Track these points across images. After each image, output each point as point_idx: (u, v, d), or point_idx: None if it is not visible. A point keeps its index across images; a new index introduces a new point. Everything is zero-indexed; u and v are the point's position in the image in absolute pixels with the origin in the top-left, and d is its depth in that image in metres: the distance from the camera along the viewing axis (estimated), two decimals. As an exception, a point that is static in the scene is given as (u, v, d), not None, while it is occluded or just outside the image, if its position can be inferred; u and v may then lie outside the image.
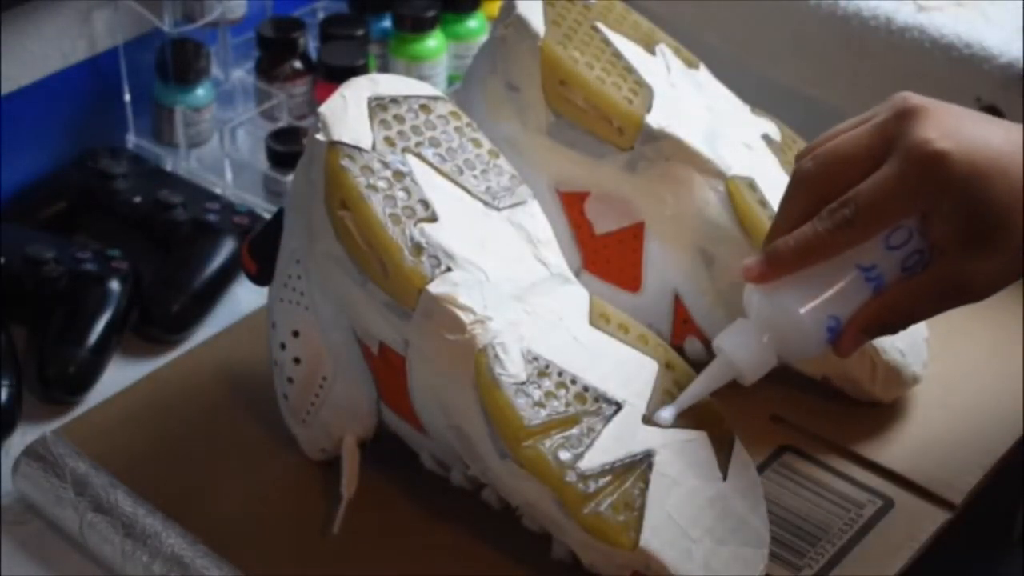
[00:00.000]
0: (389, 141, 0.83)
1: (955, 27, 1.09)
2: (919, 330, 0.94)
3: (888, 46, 1.11)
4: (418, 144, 0.84)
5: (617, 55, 0.94)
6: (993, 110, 1.07)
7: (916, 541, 0.86)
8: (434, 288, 0.79)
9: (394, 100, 0.85)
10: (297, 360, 0.87)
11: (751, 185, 0.92)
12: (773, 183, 0.93)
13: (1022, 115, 1.05)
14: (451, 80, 1.22)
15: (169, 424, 0.92)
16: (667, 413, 0.80)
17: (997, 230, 0.75)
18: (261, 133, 1.14)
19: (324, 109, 0.83)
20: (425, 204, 0.82)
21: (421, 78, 1.08)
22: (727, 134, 0.94)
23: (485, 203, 0.84)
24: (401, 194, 0.82)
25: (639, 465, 0.78)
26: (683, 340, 0.95)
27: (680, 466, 0.79)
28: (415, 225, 0.81)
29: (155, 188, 1.08)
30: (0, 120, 1.07)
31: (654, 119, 0.92)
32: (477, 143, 0.86)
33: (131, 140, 1.16)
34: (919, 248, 0.78)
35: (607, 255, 0.95)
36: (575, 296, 0.83)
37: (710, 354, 0.94)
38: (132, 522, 0.83)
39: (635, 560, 0.77)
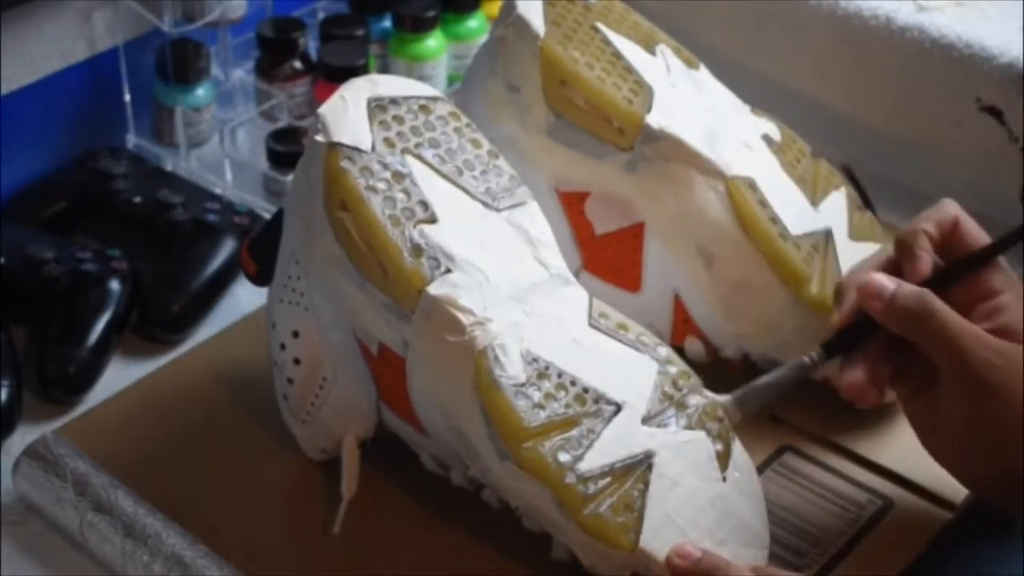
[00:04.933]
0: (389, 142, 0.83)
1: (955, 27, 1.09)
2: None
3: (888, 46, 1.10)
4: (418, 145, 0.84)
5: (617, 55, 0.94)
6: (993, 110, 1.07)
7: (916, 541, 0.86)
8: (434, 289, 0.79)
9: (394, 101, 0.85)
10: (297, 360, 0.87)
11: (751, 185, 0.92)
12: (773, 183, 0.93)
13: (1022, 115, 1.05)
14: (451, 80, 1.22)
15: (169, 424, 0.92)
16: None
17: None
18: (261, 133, 1.14)
19: (324, 110, 0.83)
20: (425, 205, 0.82)
21: (421, 78, 1.08)
22: (727, 134, 0.94)
23: (485, 204, 0.84)
24: (401, 195, 0.82)
25: (639, 466, 0.78)
26: (683, 340, 0.95)
27: (680, 467, 0.79)
28: (415, 226, 0.81)
29: (155, 188, 1.08)
30: (0, 120, 1.07)
31: (654, 119, 0.91)
32: (477, 144, 0.86)
33: (131, 140, 1.16)
34: None
35: (607, 255, 0.95)
36: (575, 297, 0.83)
37: (710, 354, 0.95)
38: (132, 522, 0.83)
39: (635, 561, 0.77)
